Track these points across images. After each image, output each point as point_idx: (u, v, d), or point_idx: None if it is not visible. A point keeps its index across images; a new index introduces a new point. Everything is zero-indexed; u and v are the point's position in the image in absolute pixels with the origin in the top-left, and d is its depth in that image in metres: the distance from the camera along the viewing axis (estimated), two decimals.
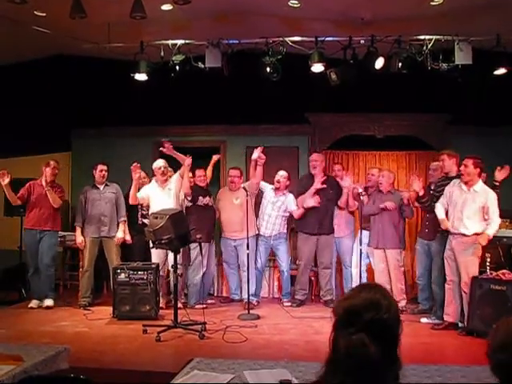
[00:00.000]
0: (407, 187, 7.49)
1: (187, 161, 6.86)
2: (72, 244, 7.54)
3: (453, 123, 8.36)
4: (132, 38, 6.87)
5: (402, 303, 6.79)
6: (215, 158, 7.81)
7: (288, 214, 7.41)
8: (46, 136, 8.52)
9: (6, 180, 6.75)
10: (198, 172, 7.36)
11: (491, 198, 5.70)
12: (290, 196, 7.39)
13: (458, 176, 5.93)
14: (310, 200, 7.12)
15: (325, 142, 8.80)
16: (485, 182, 5.92)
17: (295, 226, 7.53)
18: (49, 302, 7.00)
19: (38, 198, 7.03)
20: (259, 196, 7.53)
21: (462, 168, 5.81)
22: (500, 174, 6.08)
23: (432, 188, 6.59)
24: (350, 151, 8.82)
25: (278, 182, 7.36)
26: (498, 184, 6.06)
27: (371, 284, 1.89)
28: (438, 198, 6.20)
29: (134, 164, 6.82)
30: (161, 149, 6.77)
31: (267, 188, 7.47)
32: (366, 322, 1.64)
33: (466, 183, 5.77)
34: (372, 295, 1.71)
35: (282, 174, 7.41)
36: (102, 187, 7.23)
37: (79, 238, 7.09)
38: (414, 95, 7.88)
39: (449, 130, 8.43)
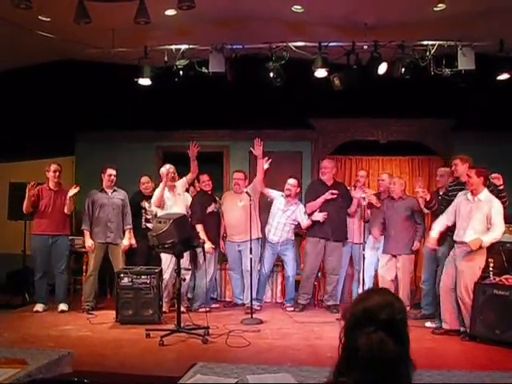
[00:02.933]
0: (412, 193, 7.47)
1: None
2: (77, 248, 7.56)
3: (456, 128, 8.37)
4: (136, 43, 6.90)
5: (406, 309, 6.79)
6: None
7: (296, 223, 7.39)
8: (50, 140, 8.54)
9: (33, 192, 6.92)
10: (202, 177, 7.37)
11: (496, 206, 5.66)
12: (301, 207, 7.36)
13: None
14: (318, 214, 7.12)
15: (328, 147, 8.82)
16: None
17: (306, 231, 7.46)
18: (64, 307, 7.05)
19: (48, 203, 7.07)
20: (270, 204, 7.52)
21: (466, 179, 5.85)
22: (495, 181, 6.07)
23: (441, 193, 6.60)
24: (353, 156, 8.83)
25: (289, 190, 7.31)
26: (501, 188, 6.01)
27: (381, 288, 1.96)
28: (447, 202, 6.21)
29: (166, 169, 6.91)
30: (187, 151, 6.87)
31: (277, 195, 7.43)
32: (383, 322, 1.70)
33: (471, 192, 5.79)
34: (386, 297, 1.79)
35: (291, 183, 7.34)
36: (110, 192, 7.23)
37: (89, 242, 7.08)
38: (418, 100, 7.89)
39: (452, 135, 8.43)
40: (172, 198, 6.96)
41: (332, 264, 7.27)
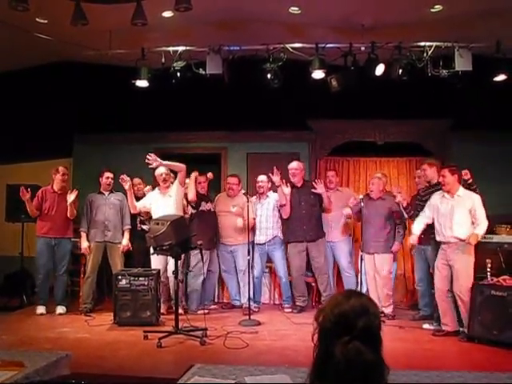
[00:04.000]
0: (410, 194, 7.51)
1: (193, 174, 7.07)
2: (74, 250, 7.55)
3: (453, 129, 8.38)
4: (133, 45, 6.91)
5: (389, 309, 6.78)
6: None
7: (277, 214, 7.41)
8: (48, 142, 8.54)
9: (27, 196, 6.87)
10: (199, 178, 7.37)
11: (476, 200, 5.79)
12: (273, 194, 7.46)
13: (439, 184, 6.04)
14: (285, 189, 7.17)
15: (326, 148, 8.81)
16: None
17: (284, 237, 7.46)
18: (61, 310, 7.06)
19: (52, 205, 7.08)
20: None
21: (441, 179, 5.94)
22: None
23: (421, 194, 6.62)
24: (350, 158, 8.83)
25: (261, 187, 7.44)
26: (470, 181, 6.11)
27: (355, 290, 1.92)
28: (421, 207, 6.29)
29: (121, 177, 6.82)
30: (150, 166, 6.66)
31: (252, 201, 7.44)
32: (359, 330, 1.68)
33: (448, 192, 5.86)
34: (361, 301, 1.76)
35: (261, 179, 7.47)
36: (107, 193, 7.28)
37: (84, 244, 7.09)
38: (415, 101, 7.89)
39: (449, 136, 8.44)
40: (161, 200, 6.91)
41: (318, 264, 7.26)
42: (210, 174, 7.42)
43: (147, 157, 6.50)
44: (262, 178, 7.48)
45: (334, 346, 1.67)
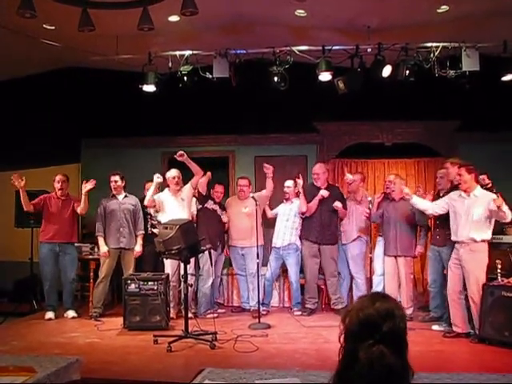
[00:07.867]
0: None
1: (208, 174, 7.15)
2: (84, 255, 7.57)
3: (461, 130, 8.35)
4: (140, 50, 6.92)
5: (410, 311, 6.75)
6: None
7: (298, 222, 7.39)
8: (56, 148, 8.59)
9: (22, 182, 6.88)
10: (217, 187, 7.41)
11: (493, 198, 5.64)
12: (296, 201, 7.42)
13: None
14: (323, 191, 7.20)
15: (333, 150, 8.82)
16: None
17: (300, 234, 7.48)
18: (73, 314, 7.09)
19: (56, 211, 7.10)
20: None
21: (457, 178, 5.90)
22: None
23: (441, 195, 6.57)
24: (358, 159, 8.82)
25: (287, 193, 7.46)
26: (489, 186, 6.09)
27: (381, 293, 1.92)
28: None
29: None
30: (175, 156, 6.73)
31: (280, 207, 7.54)
32: (384, 334, 1.69)
33: (465, 191, 5.82)
34: (387, 305, 1.76)
35: (287, 185, 7.49)
36: (121, 198, 7.25)
37: (104, 248, 7.06)
38: (422, 102, 7.88)
39: (457, 137, 8.42)
40: (174, 202, 6.93)
41: (328, 267, 7.27)
42: (208, 174, 7.40)
43: (177, 155, 6.63)
44: (288, 183, 7.50)
45: (358, 349, 1.68)
